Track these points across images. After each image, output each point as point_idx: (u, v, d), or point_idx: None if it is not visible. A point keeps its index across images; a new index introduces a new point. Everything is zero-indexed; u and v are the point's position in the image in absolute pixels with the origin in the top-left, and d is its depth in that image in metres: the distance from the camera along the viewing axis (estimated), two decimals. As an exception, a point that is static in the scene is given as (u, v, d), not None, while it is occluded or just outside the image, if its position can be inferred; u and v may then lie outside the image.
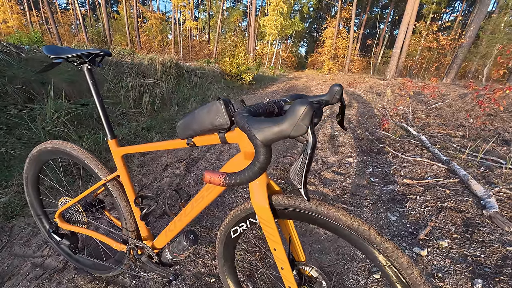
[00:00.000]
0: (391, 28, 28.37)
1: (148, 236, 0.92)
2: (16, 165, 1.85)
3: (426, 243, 1.31)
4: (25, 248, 1.29)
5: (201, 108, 0.60)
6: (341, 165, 2.45)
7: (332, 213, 0.55)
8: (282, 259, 0.64)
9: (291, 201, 0.59)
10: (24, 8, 20.54)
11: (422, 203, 1.66)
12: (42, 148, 0.96)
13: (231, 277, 0.87)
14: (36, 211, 1.15)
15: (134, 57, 5.04)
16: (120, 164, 0.85)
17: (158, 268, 0.87)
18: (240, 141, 0.61)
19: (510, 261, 1.12)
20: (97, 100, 0.82)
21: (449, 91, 5.27)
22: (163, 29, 22.21)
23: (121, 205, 0.89)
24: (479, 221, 1.41)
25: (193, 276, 1.15)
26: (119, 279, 1.11)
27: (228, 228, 0.76)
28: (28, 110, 2.40)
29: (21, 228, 1.41)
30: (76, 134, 2.37)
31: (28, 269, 1.16)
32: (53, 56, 0.76)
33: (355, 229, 0.54)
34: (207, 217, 1.60)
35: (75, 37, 17.74)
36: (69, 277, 1.11)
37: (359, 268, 1.21)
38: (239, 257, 1.27)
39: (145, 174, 2.14)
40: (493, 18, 11.82)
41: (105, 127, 0.83)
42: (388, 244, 0.52)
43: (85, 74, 0.79)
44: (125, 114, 3.36)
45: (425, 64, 15.15)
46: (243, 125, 0.38)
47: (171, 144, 0.72)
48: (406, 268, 0.51)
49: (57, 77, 2.97)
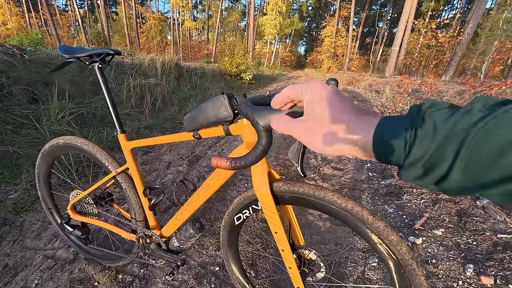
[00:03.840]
0: (390, 26, 28.39)
1: (156, 225, 0.97)
2: (24, 163, 1.90)
3: (422, 233, 1.37)
4: (36, 241, 1.34)
5: (206, 102, 0.65)
6: (340, 161, 2.51)
7: (328, 196, 0.60)
8: (283, 241, 0.69)
9: (290, 187, 0.64)
10: (23, 10, 20.58)
11: (418, 195, 1.72)
12: (54, 144, 1.01)
13: (235, 263, 0.92)
14: (48, 205, 1.20)
15: (135, 58, 5.09)
16: (129, 157, 0.91)
17: (167, 254, 0.92)
18: (242, 133, 0.66)
19: (500, 248, 1.17)
20: (108, 97, 0.87)
21: (448, 88, 5.32)
22: (162, 30, 22.24)
23: (130, 196, 0.95)
24: (473, 211, 1.46)
25: (198, 265, 1.20)
26: (128, 269, 1.16)
27: (232, 215, 0.81)
28: (33, 110, 2.45)
29: (31, 223, 1.47)
30: (80, 133, 2.42)
31: (40, 260, 1.22)
32: (67, 55, 0.81)
33: (350, 210, 0.59)
34: (210, 211, 1.65)
35: (74, 38, 17.78)
36: (80, 267, 1.17)
37: (356, 257, 1.27)
38: (242, 247, 1.33)
39: (149, 172, 2.19)
40: (491, 15, 11.84)
41: (115, 122, 0.89)
42: (379, 223, 0.57)
43: (96, 72, 0.84)
44: (127, 113, 3.41)
45: (424, 61, 15.18)
46: (247, 112, 0.44)
47: (178, 137, 0.77)
48: (396, 244, 0.56)
49: (61, 78, 3.02)
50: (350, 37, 17.96)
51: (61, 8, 31.75)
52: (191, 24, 23.07)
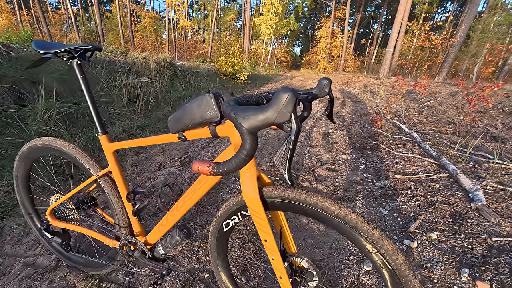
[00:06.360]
0: (384, 28, 28.71)
1: (141, 232, 0.92)
2: (6, 165, 1.82)
3: (416, 236, 1.34)
4: (16, 248, 1.27)
5: (192, 102, 0.60)
6: (335, 162, 2.48)
7: (321, 203, 0.57)
8: (273, 249, 0.65)
9: (281, 192, 0.60)
10: (14, 7, 20.08)
11: (413, 197, 1.70)
12: (32, 145, 0.95)
13: (225, 271, 0.88)
14: (27, 210, 1.13)
15: (128, 56, 4.99)
16: (112, 159, 0.85)
17: (151, 263, 0.87)
18: (230, 134, 0.61)
19: (495, 251, 1.15)
20: (87, 96, 0.81)
21: (441, 89, 5.37)
22: (157, 29, 22.01)
23: (113, 201, 0.89)
24: (467, 214, 1.44)
25: (187, 272, 1.15)
26: (112, 277, 1.11)
27: (220, 221, 0.77)
28: (19, 109, 2.36)
29: (12, 228, 1.39)
30: (68, 133, 2.34)
31: (19, 268, 1.15)
32: (42, 51, 0.75)
33: (343, 218, 0.55)
34: (201, 214, 1.60)
35: (67, 36, 17.44)
36: (61, 276, 1.10)
37: (350, 261, 1.23)
38: (233, 252, 1.28)
39: (139, 173, 2.13)
40: (483, 18, 12.08)
41: (96, 122, 0.83)
42: (374, 232, 0.53)
43: (75, 69, 0.79)
44: (119, 113, 3.33)
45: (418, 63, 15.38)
46: (229, 113, 0.39)
47: (162, 138, 0.72)
48: (391, 254, 0.52)
49: (48, 76, 2.93)
50: (345, 38, 18.07)
51: (53, 6, 31.10)
52: (187, 23, 22.89)
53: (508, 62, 10.89)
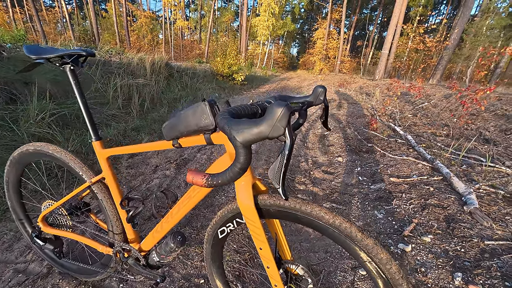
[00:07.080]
0: (380, 30, 29.02)
1: (135, 238, 0.91)
2: (-3, 168, 1.78)
3: (411, 239, 1.36)
4: (7, 254, 1.25)
5: (187, 109, 0.60)
6: (331, 165, 2.49)
7: (316, 211, 0.57)
8: (268, 258, 0.65)
9: (276, 201, 0.60)
10: (6, 5, 19.73)
11: (407, 200, 1.72)
12: (24, 151, 0.93)
13: (220, 278, 0.88)
14: (18, 216, 1.11)
15: (123, 57, 4.95)
16: (106, 166, 0.84)
17: (145, 270, 0.86)
18: (225, 142, 0.61)
19: (487, 255, 1.17)
20: (81, 102, 0.80)
21: (435, 91, 5.44)
22: (153, 28, 21.87)
23: (106, 208, 0.88)
24: (460, 217, 1.46)
25: (182, 278, 1.14)
26: (105, 283, 1.09)
27: (215, 228, 0.76)
28: (10, 111, 2.31)
29: (3, 233, 1.36)
30: (61, 135, 2.30)
31: (10, 275, 1.12)
32: (34, 56, 0.74)
33: (337, 227, 0.55)
34: (197, 218, 1.59)
35: (61, 35, 17.21)
36: (54, 283, 1.09)
37: (346, 265, 1.24)
38: (228, 257, 1.28)
39: (134, 176, 2.11)
40: (476, 21, 12.29)
41: (90, 128, 0.82)
42: (368, 241, 0.54)
43: (67, 75, 0.78)
44: (114, 114, 3.29)
45: (413, 65, 15.58)
46: (223, 126, 0.39)
47: (156, 145, 0.72)
48: (385, 263, 0.53)
49: (41, 76, 2.88)
50: (341, 40, 18.20)
51: (47, 4, 30.62)
52: (183, 24, 22.77)
53: (500, 65, 11.10)
